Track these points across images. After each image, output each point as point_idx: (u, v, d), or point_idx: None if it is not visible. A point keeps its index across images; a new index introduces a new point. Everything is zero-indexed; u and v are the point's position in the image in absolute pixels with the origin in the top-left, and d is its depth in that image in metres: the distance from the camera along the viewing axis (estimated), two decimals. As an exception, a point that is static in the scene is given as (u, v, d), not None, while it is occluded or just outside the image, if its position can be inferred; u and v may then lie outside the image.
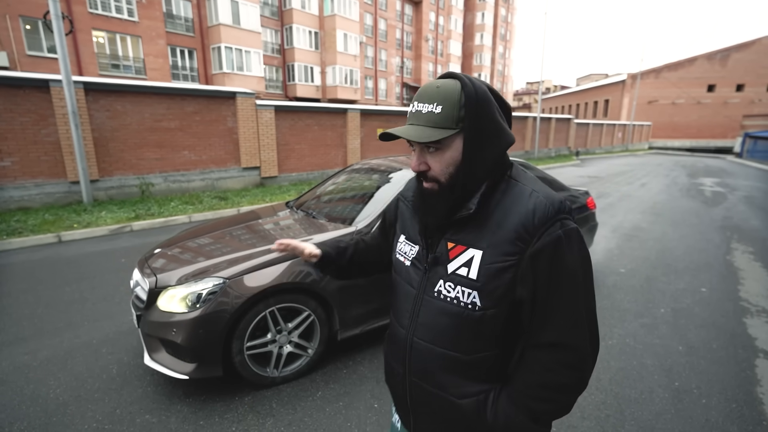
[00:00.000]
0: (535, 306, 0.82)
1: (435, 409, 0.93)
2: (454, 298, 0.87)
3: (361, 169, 3.87)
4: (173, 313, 2.28)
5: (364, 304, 2.73)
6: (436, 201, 0.89)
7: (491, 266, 0.82)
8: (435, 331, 0.90)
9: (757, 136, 25.32)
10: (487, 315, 0.84)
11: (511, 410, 0.84)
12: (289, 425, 2.15)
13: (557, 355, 0.81)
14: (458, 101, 0.82)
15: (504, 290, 0.82)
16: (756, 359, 2.80)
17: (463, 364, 0.88)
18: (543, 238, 0.79)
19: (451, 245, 0.88)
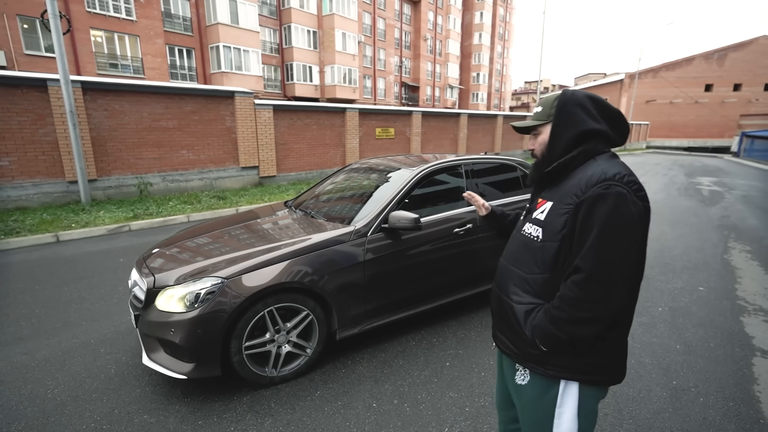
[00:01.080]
0: (573, 242, 1.14)
1: (501, 311, 1.33)
2: (529, 233, 1.28)
3: (360, 168, 3.87)
4: (171, 312, 2.27)
5: (362, 303, 2.73)
6: (535, 169, 1.34)
7: (554, 211, 1.20)
8: (513, 256, 1.34)
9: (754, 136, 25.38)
10: (545, 245, 1.20)
11: (542, 316, 1.17)
12: (287, 425, 2.15)
13: (574, 275, 1.11)
14: (552, 103, 1.28)
15: (557, 229, 1.18)
16: (753, 357, 2.81)
17: (523, 280, 1.25)
18: (587, 193, 1.12)
19: (540, 200, 1.30)
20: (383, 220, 2.80)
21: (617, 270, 1.07)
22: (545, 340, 1.15)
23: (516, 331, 1.24)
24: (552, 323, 1.13)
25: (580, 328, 1.10)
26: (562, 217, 1.16)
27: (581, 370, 1.17)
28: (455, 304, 3.46)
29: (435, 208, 3.19)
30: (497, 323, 1.37)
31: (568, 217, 1.15)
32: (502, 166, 3.87)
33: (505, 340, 1.31)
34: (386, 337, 3.05)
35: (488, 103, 53.26)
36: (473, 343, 2.98)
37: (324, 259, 2.56)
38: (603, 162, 1.18)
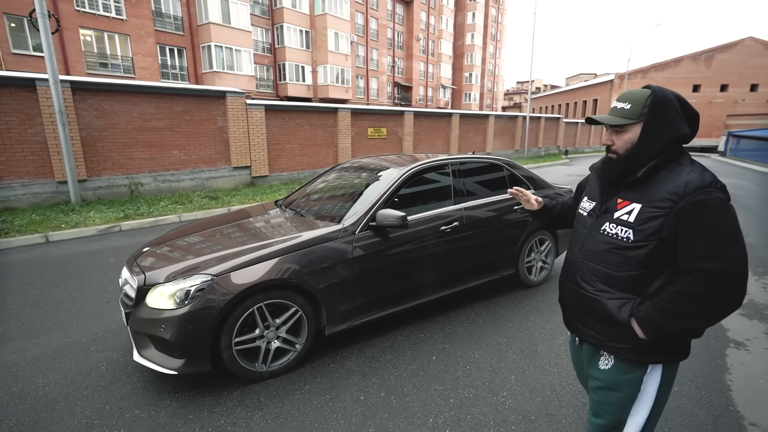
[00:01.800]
0: (681, 244, 1.19)
1: (585, 306, 1.40)
2: (614, 234, 1.31)
3: (350, 168, 3.93)
4: (162, 309, 2.32)
5: (350, 300, 2.79)
6: (614, 167, 1.34)
7: (644, 214, 1.24)
8: (595, 255, 1.36)
9: (740, 135, 25.86)
10: (635, 246, 1.25)
11: (651, 307, 1.22)
12: (276, 418, 2.21)
13: (692, 275, 1.17)
14: (644, 102, 1.25)
15: (651, 231, 1.22)
16: (727, 349, 2.92)
17: (611, 277, 1.32)
18: (689, 199, 1.16)
19: (620, 201, 1.32)
20: (371, 218, 2.87)
21: (742, 268, 1.14)
22: (653, 332, 1.23)
23: (606, 323, 1.33)
24: (665, 317, 1.19)
25: (695, 322, 1.18)
26: (656, 220, 1.21)
27: (669, 352, 1.30)
28: (442, 300, 3.53)
29: (422, 207, 3.26)
30: (578, 317, 1.45)
31: (664, 220, 1.20)
32: (489, 166, 3.96)
33: (590, 331, 1.40)
34: (374, 333, 3.11)
35: (481, 103, 53.54)
36: (459, 338, 3.05)
37: (313, 257, 2.62)
38: (689, 166, 1.24)
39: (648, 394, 1.33)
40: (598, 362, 1.41)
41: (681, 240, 1.18)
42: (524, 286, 4.03)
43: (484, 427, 2.13)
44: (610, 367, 1.37)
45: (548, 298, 3.80)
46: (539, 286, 4.09)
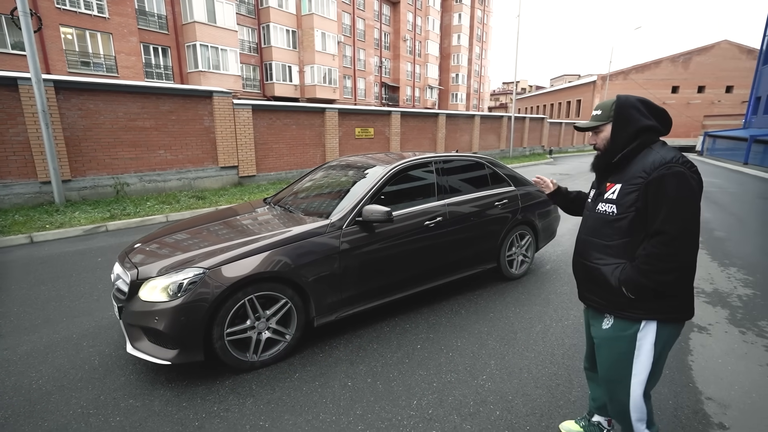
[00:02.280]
0: (648, 212, 1.48)
1: (587, 275, 1.69)
2: (604, 210, 1.62)
3: (338, 165, 4.04)
4: (155, 302, 2.39)
5: (338, 292, 2.90)
6: (600, 160, 1.69)
7: (623, 191, 1.55)
8: (592, 230, 1.68)
9: (716, 135, 26.74)
10: (619, 218, 1.56)
11: (631, 269, 1.51)
12: (268, 403, 2.31)
13: (656, 237, 1.45)
14: (611, 107, 1.62)
15: (629, 204, 1.52)
16: (690, 333, 3.13)
17: (605, 247, 1.61)
18: (653, 174, 1.46)
19: (608, 184, 1.64)
20: (357, 213, 2.99)
21: (691, 229, 1.43)
22: (634, 290, 1.50)
23: (604, 287, 1.61)
24: (642, 275, 1.47)
25: (666, 276, 1.45)
26: (632, 194, 1.51)
27: (658, 310, 1.53)
28: (427, 292, 3.67)
29: (407, 203, 3.39)
30: (585, 286, 1.74)
31: (637, 194, 1.50)
32: (472, 164, 4.12)
33: (594, 297, 1.68)
34: (362, 324, 3.23)
35: (467, 103, 54.09)
36: (443, 328, 3.20)
37: (301, 251, 2.72)
38: (659, 149, 1.53)
39: (645, 350, 1.56)
40: (601, 323, 1.68)
41: (649, 208, 1.48)
42: (506, 279, 4.20)
43: (464, 408, 2.27)
44: (610, 326, 1.64)
45: (528, 290, 3.98)
46: (520, 279, 4.26)
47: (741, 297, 3.86)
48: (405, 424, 2.14)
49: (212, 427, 2.12)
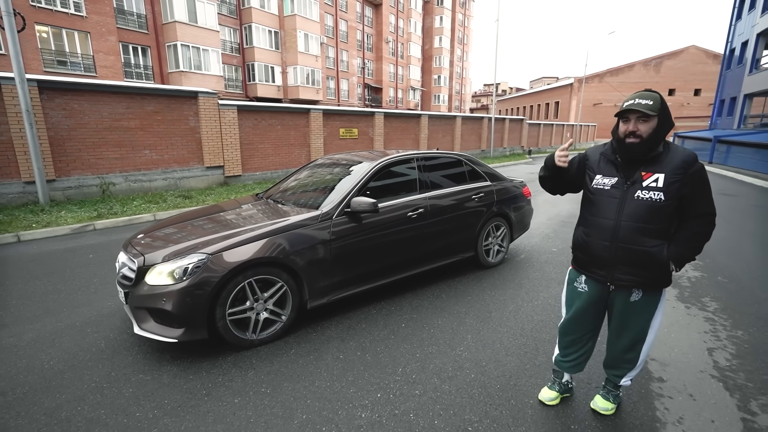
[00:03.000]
0: (693, 198, 1.77)
1: (633, 258, 1.84)
2: (648, 198, 1.79)
3: (326, 162, 4.30)
4: (162, 285, 2.61)
5: (329, 277, 3.17)
6: (639, 147, 1.79)
7: (669, 180, 1.76)
8: (636, 216, 1.82)
9: (685, 136, 28.05)
10: (667, 204, 1.77)
11: (680, 248, 1.80)
12: (268, 374, 2.56)
13: (704, 218, 1.80)
14: (660, 101, 1.76)
15: (675, 191, 1.76)
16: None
17: (652, 231, 1.81)
18: (694, 168, 1.75)
19: (644, 173, 1.81)
20: (346, 205, 3.26)
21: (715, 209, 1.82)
22: (682, 263, 1.82)
23: (648, 266, 1.82)
24: (691, 251, 1.80)
25: (702, 248, 1.83)
26: (676, 183, 1.74)
27: (668, 281, 1.89)
28: (410, 278, 3.97)
29: (392, 196, 3.68)
30: (622, 269, 1.88)
31: (680, 183, 1.74)
32: (451, 161, 4.44)
33: (630, 277, 1.88)
34: (351, 307, 3.51)
35: (449, 104, 54.89)
36: (425, 309, 3.50)
37: (295, 238, 2.98)
38: (678, 146, 1.83)
39: (660, 310, 1.95)
40: (629, 297, 1.93)
41: (695, 195, 1.76)
42: (483, 267, 4.53)
43: (444, 372, 2.57)
44: (640, 298, 1.92)
45: (503, 277, 4.33)
46: (496, 267, 4.61)
47: (690, 279, 4.30)
48: (391, 387, 2.43)
49: (219, 394, 2.36)
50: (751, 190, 11.83)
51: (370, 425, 2.10)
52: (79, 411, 2.22)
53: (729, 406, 2.24)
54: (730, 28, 26.99)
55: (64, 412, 2.21)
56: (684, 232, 1.81)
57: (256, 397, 2.33)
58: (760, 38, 21.97)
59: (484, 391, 2.39)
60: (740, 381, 2.48)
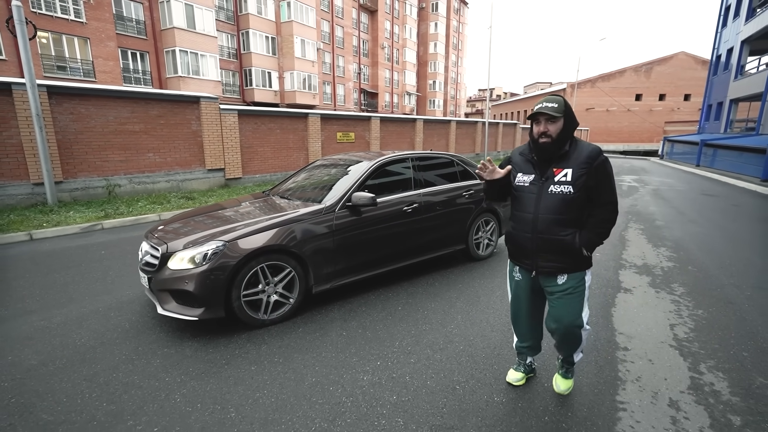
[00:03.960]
0: (597, 189, 1.98)
1: (551, 246, 2.04)
2: (559, 191, 1.99)
3: (327, 162, 4.64)
4: (184, 269, 2.93)
5: (332, 264, 3.49)
6: (549, 147, 2.00)
7: (576, 173, 1.96)
8: (551, 208, 2.01)
9: (674, 140, 28.69)
10: (576, 196, 1.97)
11: (590, 234, 2.00)
12: (279, 348, 2.87)
13: (607, 207, 2.01)
14: (564, 103, 1.99)
15: (582, 184, 1.96)
16: (618, 294, 3.88)
17: (564, 221, 2.01)
18: (597, 160, 1.96)
19: (555, 169, 2.02)
20: (347, 199, 3.60)
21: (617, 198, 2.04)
22: (592, 247, 2.02)
23: (566, 253, 2.01)
24: (599, 236, 2.00)
25: (609, 232, 2.03)
26: (582, 177, 1.94)
27: (589, 263, 2.11)
28: (406, 269, 4.31)
29: (389, 192, 4.02)
30: (543, 257, 2.07)
31: (586, 176, 1.94)
32: (443, 161, 4.79)
33: (552, 264, 2.06)
34: (352, 293, 3.83)
35: (444, 109, 55.51)
36: (420, 295, 3.83)
37: (302, 228, 3.31)
38: (583, 141, 2.05)
39: (586, 291, 2.13)
40: (555, 282, 2.09)
41: (599, 185, 1.98)
42: (474, 260, 4.87)
43: (436, 345, 2.90)
44: (565, 281, 2.07)
45: (492, 268, 4.67)
46: (486, 260, 4.95)
47: (663, 268, 4.67)
48: (389, 357, 2.75)
49: (237, 364, 2.67)
50: (732, 190, 12.31)
51: (371, 385, 2.43)
52: (114, 377, 2.52)
53: (681, 368, 2.59)
54: (717, 35, 27.75)
55: (102, 378, 2.51)
56: (592, 219, 2.01)
57: (270, 366, 2.65)
58: (744, 45, 22.65)
59: (471, 359, 2.72)
60: (694, 349, 2.84)
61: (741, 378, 2.49)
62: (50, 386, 2.43)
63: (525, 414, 2.19)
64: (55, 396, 2.34)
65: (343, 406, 2.24)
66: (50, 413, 2.19)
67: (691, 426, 2.07)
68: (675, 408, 2.21)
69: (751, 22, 21.30)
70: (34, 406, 2.25)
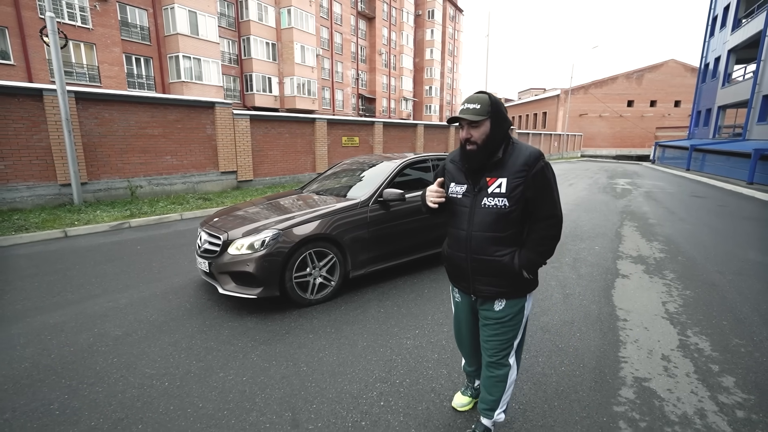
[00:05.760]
0: (536, 201, 1.65)
1: (487, 269, 1.73)
2: (493, 205, 1.67)
3: (352, 164, 5.12)
4: (245, 254, 3.38)
5: (367, 252, 3.96)
6: (477, 154, 1.68)
7: (512, 184, 1.64)
8: (485, 224, 1.70)
9: (665, 145, 29.59)
10: (512, 210, 1.65)
11: (529, 254, 1.68)
12: (328, 321, 3.33)
13: (548, 221, 1.67)
14: (489, 102, 1.64)
15: (518, 195, 1.64)
16: (616, 279, 4.38)
17: (500, 238, 1.69)
18: (535, 167, 1.63)
19: (489, 179, 1.69)
20: (379, 195, 4.07)
21: (560, 210, 1.71)
22: (533, 269, 1.69)
23: (504, 275, 1.70)
24: (540, 256, 1.67)
25: (553, 251, 1.71)
26: (519, 187, 1.62)
27: (532, 286, 1.80)
28: (428, 258, 4.78)
29: (412, 190, 4.49)
30: (479, 280, 1.76)
31: (523, 186, 1.61)
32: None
33: (489, 287, 1.76)
34: (382, 280, 4.29)
35: (441, 114, 56.34)
36: (442, 281, 4.30)
37: (342, 220, 3.77)
38: (520, 144, 1.71)
39: (525, 318, 1.84)
40: (493, 306, 1.79)
41: (538, 197, 1.64)
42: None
43: (463, 319, 3.37)
44: (503, 307, 1.77)
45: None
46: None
47: (656, 258, 5.20)
48: (425, 327, 3.22)
49: (296, 333, 3.12)
50: (719, 192, 12.98)
51: (414, 347, 2.89)
52: (194, 343, 2.96)
53: (671, 333, 3.09)
54: (705, 44, 28.77)
55: (184, 344, 2.95)
56: (532, 235, 1.70)
57: (324, 334, 3.10)
58: (731, 54, 23.58)
59: (495, 329, 3.20)
60: (682, 319, 3.34)
61: (720, 339, 2.99)
62: (142, 350, 2.87)
63: (543, 358, 2.67)
64: (149, 356, 2.77)
65: (394, 362, 2.70)
66: (151, 368, 2.63)
67: (679, 372, 2.56)
68: (666, 360, 2.70)
69: (737, 32, 22.23)
70: (135, 364, 2.68)
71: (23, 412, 2.19)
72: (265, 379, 2.51)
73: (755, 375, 2.55)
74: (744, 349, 2.88)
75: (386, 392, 2.37)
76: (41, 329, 3.18)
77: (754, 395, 2.35)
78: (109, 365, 2.67)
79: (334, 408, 2.23)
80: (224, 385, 2.45)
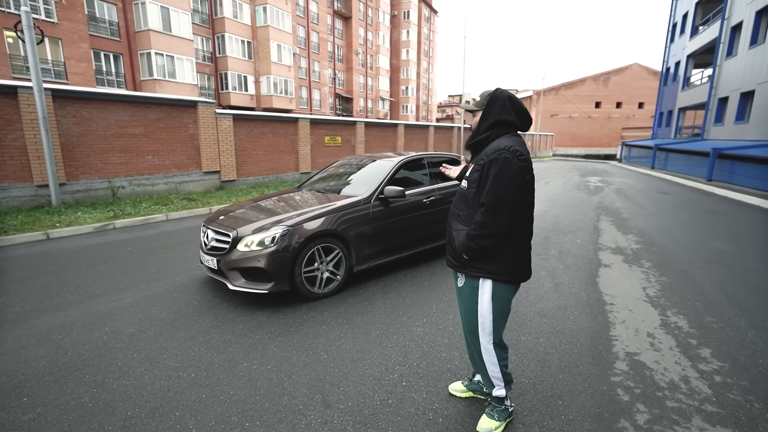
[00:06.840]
0: (481, 188, 1.82)
1: (449, 240, 2.02)
2: (463, 186, 1.96)
3: (349, 163, 5.26)
4: (255, 250, 3.46)
5: (370, 247, 4.12)
6: (470, 138, 2.00)
7: (473, 170, 1.89)
8: (455, 202, 2.02)
9: (631, 145, 31.13)
10: (468, 191, 1.90)
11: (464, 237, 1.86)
12: (339, 313, 3.46)
13: (481, 208, 1.80)
14: (486, 97, 1.93)
15: (475, 179, 1.86)
16: (599, 268, 4.73)
17: (459, 215, 1.96)
18: (490, 158, 1.79)
19: (470, 165, 1.98)
20: (380, 192, 4.24)
21: (501, 203, 1.74)
22: (467, 252, 1.83)
23: (455, 250, 1.91)
24: (470, 240, 1.79)
25: (485, 240, 1.77)
26: (476, 173, 1.82)
27: (492, 271, 1.83)
28: (426, 252, 4.98)
29: (409, 187, 4.68)
30: (447, 250, 2.02)
31: (479, 173, 1.81)
32: (450, 160, 5.52)
33: (450, 258, 2.00)
34: (384, 274, 4.46)
35: (417, 114, 56.92)
36: (440, 273, 4.51)
37: (347, 216, 3.92)
38: (504, 139, 1.82)
39: (485, 304, 1.87)
40: (457, 281, 1.99)
41: (482, 185, 1.80)
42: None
43: (465, 307, 3.59)
44: (464, 283, 1.94)
45: (493, 252, 5.43)
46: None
47: (633, 249, 5.61)
48: (432, 315, 3.41)
49: (309, 324, 3.25)
50: (682, 189, 13.89)
51: (424, 334, 3.08)
52: (211, 337, 3.04)
53: (653, 313, 3.43)
54: (666, 49, 30.46)
55: (201, 338, 3.02)
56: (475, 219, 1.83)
57: (337, 325, 3.24)
58: (689, 59, 25.11)
59: (496, 315, 3.43)
60: (662, 302, 3.69)
61: (695, 318, 3.35)
62: (160, 345, 2.92)
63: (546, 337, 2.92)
64: (169, 351, 2.84)
65: (408, 348, 2.88)
66: (174, 361, 2.70)
67: (664, 346, 2.87)
68: (652, 337, 3.01)
69: (695, 39, 23.69)
70: (157, 358, 2.74)
71: (55, 406, 2.23)
72: (288, 367, 2.63)
73: (727, 346, 2.90)
74: (716, 325, 3.24)
75: (406, 374, 2.55)
76: (49, 329, 3.17)
77: (728, 363, 2.68)
78: (130, 360, 2.71)
79: (360, 389, 2.38)
80: (250, 373, 2.55)
